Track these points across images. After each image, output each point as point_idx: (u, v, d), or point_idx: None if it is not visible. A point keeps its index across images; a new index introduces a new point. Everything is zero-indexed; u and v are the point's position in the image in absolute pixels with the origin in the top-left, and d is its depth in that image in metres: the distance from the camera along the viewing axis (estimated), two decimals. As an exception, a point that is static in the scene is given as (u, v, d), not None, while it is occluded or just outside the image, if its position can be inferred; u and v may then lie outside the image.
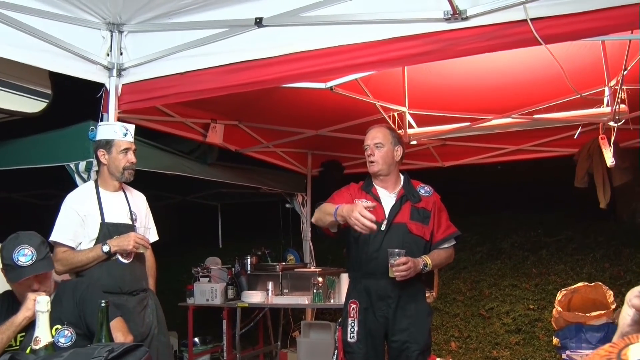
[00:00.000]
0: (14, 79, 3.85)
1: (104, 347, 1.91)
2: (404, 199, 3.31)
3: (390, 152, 3.32)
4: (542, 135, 5.77)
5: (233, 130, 5.61)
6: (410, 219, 3.27)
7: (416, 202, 3.31)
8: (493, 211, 8.06)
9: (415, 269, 3.10)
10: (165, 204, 7.53)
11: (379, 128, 3.40)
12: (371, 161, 3.33)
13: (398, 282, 3.12)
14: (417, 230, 3.26)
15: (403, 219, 3.27)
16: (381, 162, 3.31)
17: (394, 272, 3.06)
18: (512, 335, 6.61)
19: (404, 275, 3.06)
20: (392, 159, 3.33)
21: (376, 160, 3.31)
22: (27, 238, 2.46)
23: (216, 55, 3.37)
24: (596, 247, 7.27)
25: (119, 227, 3.25)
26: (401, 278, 3.07)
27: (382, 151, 3.30)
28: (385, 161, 3.31)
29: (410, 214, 3.28)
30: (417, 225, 3.27)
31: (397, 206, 3.29)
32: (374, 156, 3.31)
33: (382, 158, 3.30)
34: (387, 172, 3.34)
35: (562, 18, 2.57)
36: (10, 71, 3.75)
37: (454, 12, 2.70)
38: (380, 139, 3.31)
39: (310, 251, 6.81)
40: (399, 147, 3.36)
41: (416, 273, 3.12)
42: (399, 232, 3.24)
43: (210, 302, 5.59)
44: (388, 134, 3.35)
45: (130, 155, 3.30)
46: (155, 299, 3.40)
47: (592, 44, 3.70)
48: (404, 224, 3.26)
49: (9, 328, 2.33)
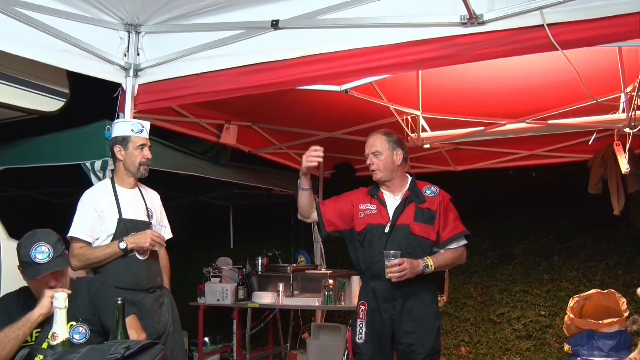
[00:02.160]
0: (32, 78, 3.90)
1: (120, 344, 1.94)
2: (407, 200, 3.32)
3: (390, 157, 3.34)
4: (556, 140, 5.74)
5: (246, 131, 5.63)
6: (414, 220, 3.26)
7: (420, 202, 3.31)
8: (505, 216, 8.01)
9: (413, 270, 3.09)
10: (177, 204, 7.56)
11: (376, 136, 3.41)
12: (372, 170, 3.37)
13: (403, 284, 3.12)
14: (421, 231, 3.25)
15: (406, 220, 3.27)
16: (382, 169, 3.33)
17: (388, 274, 3.08)
18: (522, 341, 6.58)
19: (399, 276, 3.06)
20: (392, 164, 3.34)
21: (377, 169, 3.34)
22: (44, 235, 2.49)
23: (232, 57, 3.39)
24: (609, 254, 7.21)
25: (136, 224, 3.28)
26: (397, 279, 3.07)
27: (381, 159, 3.33)
28: (386, 168, 3.33)
29: (414, 215, 3.28)
30: (421, 226, 3.26)
31: (401, 208, 3.30)
32: (373, 165, 3.35)
33: (382, 165, 3.33)
34: (390, 177, 3.36)
35: (579, 24, 2.57)
36: (28, 70, 3.80)
37: (470, 16, 2.71)
38: (377, 147, 3.34)
39: (321, 253, 6.81)
40: (398, 150, 3.36)
41: (415, 274, 3.11)
42: (401, 234, 3.25)
43: (221, 302, 5.61)
44: (385, 140, 3.36)
45: (146, 151, 3.35)
46: (170, 297, 3.44)
47: (609, 50, 3.68)
48: (407, 225, 3.26)
49: (26, 324, 2.35)
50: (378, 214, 3.33)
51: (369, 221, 3.33)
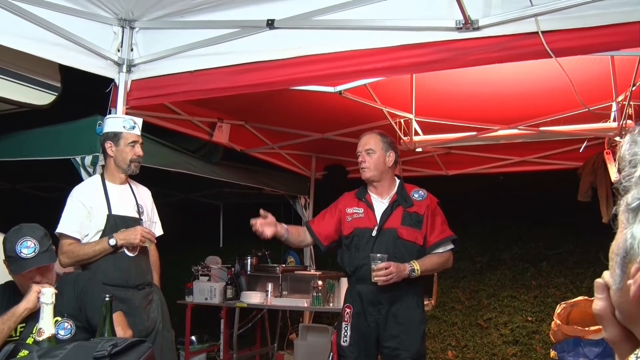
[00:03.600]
0: (24, 71, 3.88)
1: (107, 341, 1.92)
2: (395, 204, 3.31)
3: (382, 158, 3.33)
4: (546, 147, 5.78)
5: (239, 130, 5.62)
6: (402, 224, 3.26)
7: (408, 206, 3.30)
8: (494, 221, 8.05)
9: (399, 274, 3.09)
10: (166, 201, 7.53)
11: (371, 134, 3.41)
12: (362, 167, 3.35)
13: (390, 288, 3.12)
14: (408, 235, 3.25)
15: (394, 224, 3.26)
16: (372, 168, 3.32)
17: (374, 277, 3.08)
18: (509, 346, 6.60)
19: (384, 280, 3.06)
20: (383, 165, 3.34)
21: (367, 167, 3.33)
22: (30, 230, 2.47)
23: (226, 55, 3.38)
24: (597, 261, 7.24)
25: (126, 220, 3.26)
26: (383, 283, 3.07)
27: (374, 157, 3.32)
28: (377, 167, 3.32)
29: (402, 219, 3.27)
30: (409, 230, 3.25)
31: (388, 211, 3.30)
32: (365, 162, 3.33)
33: (373, 164, 3.32)
34: (379, 178, 3.35)
35: (573, 32, 2.58)
36: (20, 63, 3.78)
37: (465, 21, 2.71)
38: (371, 145, 3.33)
39: (311, 254, 6.80)
40: (391, 152, 3.36)
41: (401, 278, 3.10)
42: (389, 238, 3.24)
43: (209, 301, 5.58)
44: (379, 140, 3.36)
45: (137, 148, 3.32)
46: (160, 294, 3.42)
47: (601, 59, 3.70)
48: (394, 229, 3.25)
49: (10, 318, 2.34)
50: (365, 218, 3.32)
51: (356, 225, 3.33)
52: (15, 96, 3.92)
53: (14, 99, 3.93)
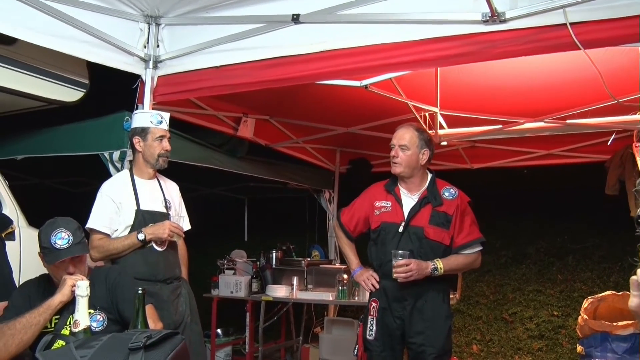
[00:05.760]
0: (53, 68, 3.95)
1: (141, 332, 1.96)
2: (424, 201, 3.25)
3: (415, 155, 3.25)
4: (573, 140, 5.71)
5: (264, 124, 5.65)
6: (429, 223, 3.21)
7: (437, 205, 3.23)
8: (519, 215, 7.97)
9: (420, 271, 3.07)
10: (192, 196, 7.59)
11: (408, 128, 3.32)
12: (394, 162, 3.28)
13: (413, 284, 3.11)
14: (435, 235, 3.19)
15: (421, 222, 3.22)
16: (404, 165, 3.25)
17: (394, 274, 3.07)
18: (534, 340, 6.56)
19: (405, 277, 3.04)
20: (416, 163, 3.26)
21: (399, 163, 3.26)
22: (64, 223, 2.54)
23: (252, 50, 3.40)
24: (624, 256, 7.13)
25: (154, 215, 3.29)
26: (403, 280, 3.06)
27: (407, 154, 3.24)
28: (409, 164, 3.25)
29: (429, 218, 3.21)
30: (436, 229, 3.20)
31: (416, 208, 3.25)
32: (397, 158, 3.25)
33: (405, 161, 3.24)
34: (409, 174, 3.28)
35: (601, 23, 2.56)
36: (49, 60, 3.85)
37: (492, 14, 2.69)
38: (406, 141, 3.25)
39: (335, 248, 6.81)
40: (425, 150, 3.27)
41: (422, 276, 3.08)
42: (415, 236, 3.20)
43: (235, 295, 5.64)
44: (416, 136, 3.27)
45: (165, 143, 3.34)
46: (188, 288, 3.45)
47: (630, 50, 3.62)
48: (421, 227, 3.21)
49: (47, 310, 2.39)
50: (393, 212, 3.28)
51: (384, 219, 3.30)
52: (45, 93, 4.00)
53: (43, 95, 4.01)
